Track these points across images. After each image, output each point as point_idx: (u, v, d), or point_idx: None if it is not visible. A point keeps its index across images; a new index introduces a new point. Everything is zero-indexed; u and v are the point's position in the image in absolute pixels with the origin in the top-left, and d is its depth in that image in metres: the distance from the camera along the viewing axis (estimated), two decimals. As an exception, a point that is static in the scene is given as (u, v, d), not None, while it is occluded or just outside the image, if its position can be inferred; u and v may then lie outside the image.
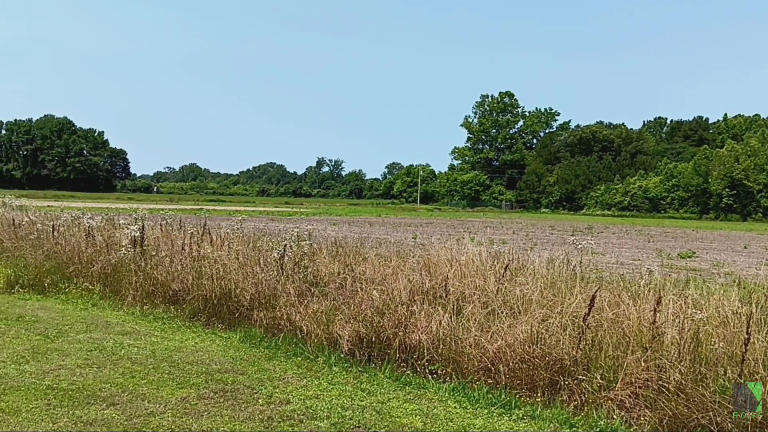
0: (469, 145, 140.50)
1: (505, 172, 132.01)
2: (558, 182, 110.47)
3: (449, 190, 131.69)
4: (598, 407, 5.48)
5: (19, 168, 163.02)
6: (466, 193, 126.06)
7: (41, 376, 6.14)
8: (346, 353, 7.07)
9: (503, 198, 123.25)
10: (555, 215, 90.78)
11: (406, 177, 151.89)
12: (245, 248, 10.37)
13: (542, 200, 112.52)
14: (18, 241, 13.84)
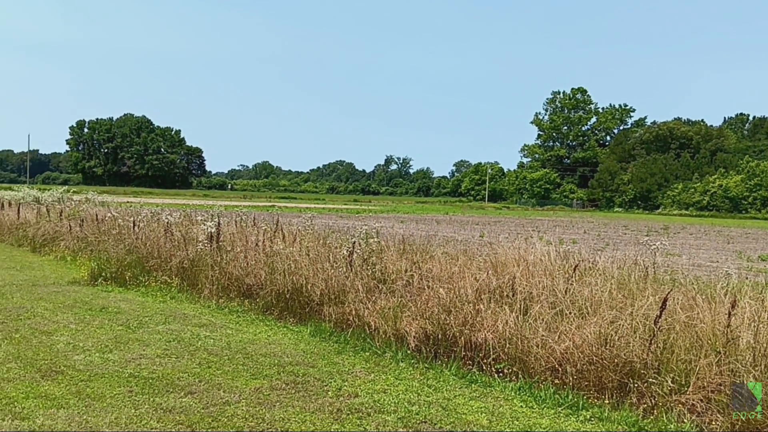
0: (540, 142, 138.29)
1: (576, 169, 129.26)
2: (632, 180, 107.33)
3: (518, 188, 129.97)
4: (669, 411, 5.40)
5: (100, 165, 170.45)
6: (535, 192, 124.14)
7: (124, 365, 6.50)
8: (412, 349, 7.18)
9: (574, 196, 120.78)
10: (629, 215, 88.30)
11: (474, 175, 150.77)
12: (316, 245, 10.62)
13: (615, 199, 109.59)
14: (101, 235, 14.58)
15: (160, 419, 5.00)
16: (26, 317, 8.51)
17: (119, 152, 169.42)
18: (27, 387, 5.66)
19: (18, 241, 18.27)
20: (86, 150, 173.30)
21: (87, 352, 6.87)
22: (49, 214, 19.50)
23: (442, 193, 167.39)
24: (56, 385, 5.74)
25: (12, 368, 6.19)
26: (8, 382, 5.77)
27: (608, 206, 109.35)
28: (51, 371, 6.14)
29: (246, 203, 62.84)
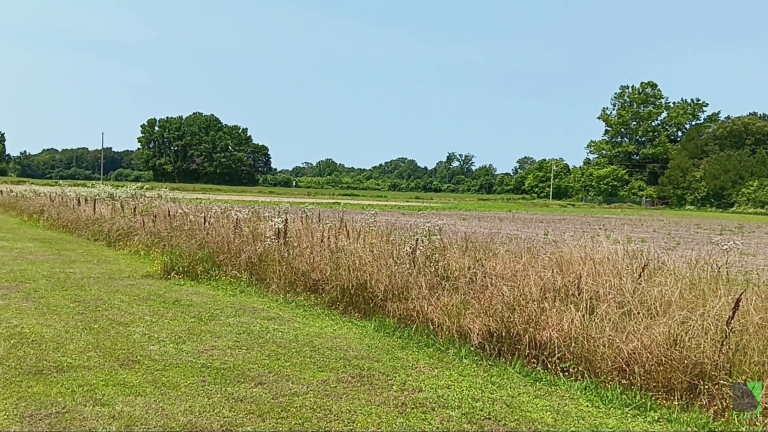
0: (607, 138, 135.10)
1: (645, 166, 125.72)
2: (705, 177, 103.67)
3: (584, 186, 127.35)
4: (740, 414, 5.26)
5: (170, 162, 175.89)
6: (602, 189, 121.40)
7: (196, 355, 6.75)
8: (476, 346, 7.20)
9: (643, 194, 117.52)
10: (701, 213, 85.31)
11: (538, 172, 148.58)
12: (379, 241, 10.74)
13: (687, 197, 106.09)
14: (173, 231, 15.09)
15: (232, 408, 5.20)
16: (104, 309, 8.92)
17: (188, 150, 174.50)
18: (106, 375, 5.95)
19: (94, 236, 19.08)
20: (157, 148, 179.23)
21: (162, 343, 7.17)
22: (124, 210, 20.30)
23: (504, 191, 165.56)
24: (133, 374, 6.01)
25: (92, 357, 6.52)
26: (89, 370, 6.08)
27: (679, 204, 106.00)
28: (128, 360, 6.44)
29: (310, 200, 63.79)
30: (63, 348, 6.77)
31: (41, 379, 5.74)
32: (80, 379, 5.78)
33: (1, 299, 9.27)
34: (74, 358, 6.40)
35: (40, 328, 7.58)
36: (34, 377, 5.78)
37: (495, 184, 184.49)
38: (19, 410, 4.97)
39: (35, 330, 7.49)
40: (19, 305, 8.90)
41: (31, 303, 9.09)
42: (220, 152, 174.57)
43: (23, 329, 7.51)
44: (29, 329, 7.52)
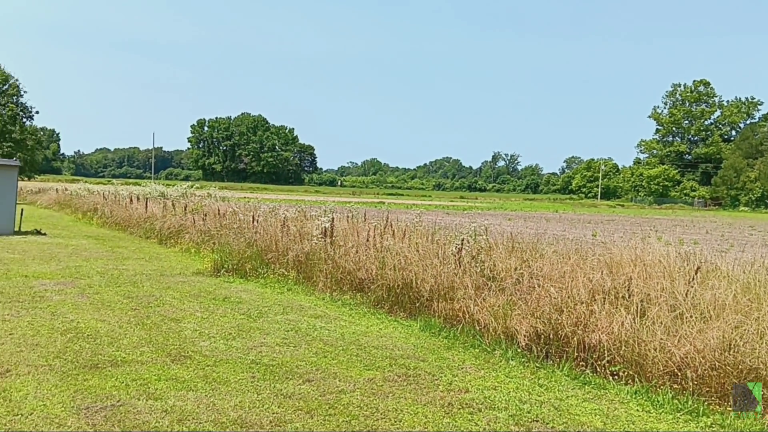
0: (658, 137, 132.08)
1: (698, 166, 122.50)
2: (760, 178, 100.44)
3: (634, 186, 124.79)
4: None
5: (219, 162, 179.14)
6: (652, 189, 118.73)
7: (246, 352, 6.87)
8: (523, 348, 7.14)
9: (695, 195, 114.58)
10: (756, 214, 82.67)
11: (585, 171, 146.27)
12: (424, 241, 10.74)
13: (741, 198, 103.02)
14: (222, 229, 15.35)
15: (281, 404, 5.27)
16: (156, 305, 9.14)
17: (237, 149, 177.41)
18: (159, 370, 6.10)
19: (146, 234, 19.56)
20: (206, 147, 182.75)
21: (212, 339, 7.32)
22: (175, 209, 20.73)
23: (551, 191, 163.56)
24: (185, 369, 6.15)
25: (145, 352, 6.69)
26: (142, 364, 6.24)
27: (733, 205, 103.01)
28: (180, 356, 6.59)
29: (355, 199, 64.09)
30: (117, 343, 6.97)
31: (96, 372, 5.92)
32: (134, 373, 5.94)
33: (58, 294, 9.58)
34: (128, 353, 6.58)
35: (95, 323, 7.81)
36: (89, 371, 5.96)
37: (541, 184, 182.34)
38: (76, 403, 5.13)
39: (90, 325, 7.73)
40: (74, 300, 9.18)
41: (86, 298, 9.37)
42: (268, 152, 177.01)
43: (79, 324, 7.75)
44: (85, 324, 7.76)
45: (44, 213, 30.86)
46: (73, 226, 23.28)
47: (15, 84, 57.69)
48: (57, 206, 34.50)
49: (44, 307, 8.65)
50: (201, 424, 4.77)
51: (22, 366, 5.97)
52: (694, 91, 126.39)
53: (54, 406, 5.03)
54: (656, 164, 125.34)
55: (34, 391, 5.32)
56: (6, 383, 5.48)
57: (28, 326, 7.50)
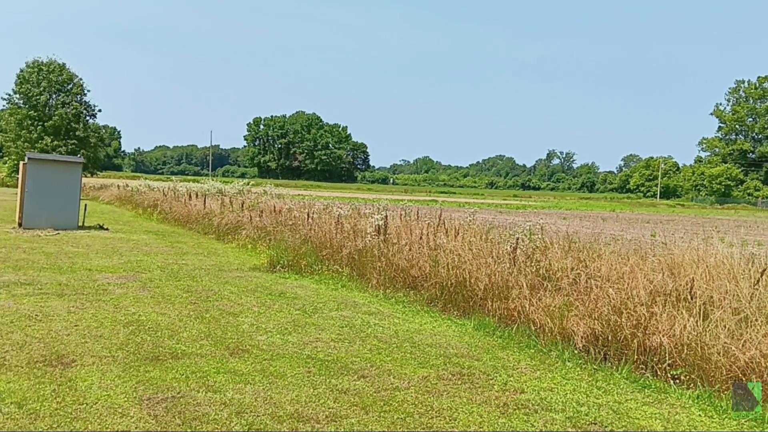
0: (720, 135, 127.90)
1: (762, 165, 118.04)
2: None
3: (694, 185, 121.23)
4: None
5: (274, 159, 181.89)
6: (714, 189, 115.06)
7: (302, 347, 6.95)
8: (580, 349, 7.02)
9: (759, 194, 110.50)
10: (825, 215, 79.23)
11: (644, 170, 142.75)
12: (478, 240, 10.67)
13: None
14: (278, 225, 15.58)
15: (336, 400, 5.32)
16: (214, 299, 9.34)
17: (291, 147, 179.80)
18: (218, 363, 6.23)
19: (204, 230, 19.99)
20: (261, 145, 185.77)
21: (269, 333, 7.43)
22: (232, 205, 21.14)
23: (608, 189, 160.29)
24: (243, 363, 6.26)
25: (204, 345, 6.83)
26: (201, 357, 6.38)
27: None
28: (238, 349, 6.71)
29: (407, 197, 64.08)
30: (177, 336, 7.14)
31: (157, 364, 6.08)
32: (193, 365, 6.08)
33: (120, 288, 9.88)
34: (188, 346, 6.74)
35: (156, 316, 8.03)
36: (151, 363, 6.12)
37: (597, 183, 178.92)
38: (138, 393, 5.28)
39: (151, 318, 7.94)
40: (136, 294, 9.46)
41: (147, 292, 9.64)
42: (321, 150, 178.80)
43: (140, 317, 7.98)
44: (146, 317, 7.98)
45: (106, 208, 31.87)
46: (134, 222, 23.98)
47: (79, 83, 59.66)
48: (118, 202, 35.56)
49: (107, 299, 8.93)
50: (259, 417, 4.85)
51: (87, 357, 6.18)
52: (759, 88, 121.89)
53: (117, 396, 5.18)
54: (718, 163, 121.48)
55: (99, 382, 5.49)
56: (72, 373, 5.67)
57: (92, 318, 7.76)
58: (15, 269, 11.04)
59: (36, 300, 8.62)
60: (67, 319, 7.65)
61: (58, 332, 6.99)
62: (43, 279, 10.23)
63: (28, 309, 8.04)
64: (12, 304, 8.29)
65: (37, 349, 6.30)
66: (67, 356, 6.15)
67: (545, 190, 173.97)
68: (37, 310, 7.98)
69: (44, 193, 18.44)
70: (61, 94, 58.48)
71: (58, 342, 6.61)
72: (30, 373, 5.58)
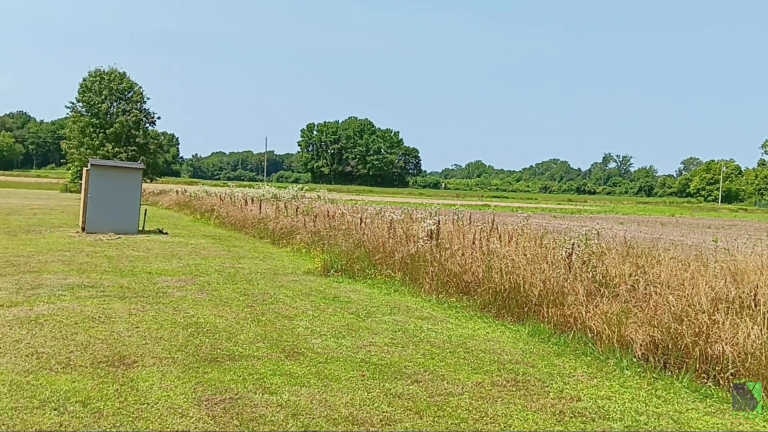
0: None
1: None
2: None
3: (758, 189, 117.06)
4: None
5: (327, 165, 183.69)
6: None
7: (355, 350, 7.00)
8: (638, 357, 6.87)
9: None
10: None
11: (705, 173, 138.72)
12: (532, 245, 10.54)
13: None
14: (331, 230, 15.72)
15: (390, 404, 5.33)
16: (270, 302, 9.49)
17: (344, 153, 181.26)
18: (274, 365, 6.32)
19: (259, 234, 20.33)
20: (315, 151, 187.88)
21: (323, 337, 7.51)
22: (287, 210, 21.43)
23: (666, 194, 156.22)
24: (298, 365, 6.34)
25: (260, 347, 6.95)
26: (258, 359, 6.49)
27: None
28: (293, 352, 6.80)
29: (459, 202, 63.80)
30: (234, 338, 7.28)
31: (216, 366, 6.21)
32: (250, 367, 6.19)
33: (179, 291, 10.13)
34: (244, 348, 6.87)
35: (214, 319, 8.21)
36: (209, 364, 6.26)
37: (656, 187, 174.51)
38: (197, 394, 5.40)
39: (209, 320, 8.12)
40: (194, 297, 9.69)
41: (206, 295, 9.86)
42: (373, 155, 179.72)
43: (199, 319, 8.16)
44: (204, 319, 8.16)
45: (165, 213, 32.73)
46: (192, 226, 24.56)
47: (139, 91, 61.43)
48: (177, 207, 36.47)
49: (167, 302, 9.17)
50: (314, 420, 4.91)
51: (148, 358, 6.35)
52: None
53: (177, 396, 5.31)
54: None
55: (159, 382, 5.64)
56: (133, 374, 5.84)
57: (152, 320, 7.98)
58: (79, 272, 11.45)
59: (99, 302, 8.92)
60: (128, 320, 7.89)
61: (120, 333, 7.22)
62: (105, 282, 10.58)
63: (92, 311, 8.32)
64: (76, 306, 8.60)
65: (100, 350, 6.52)
66: (128, 357, 6.34)
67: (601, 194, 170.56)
68: (99, 312, 8.26)
69: (106, 198, 19.07)
70: (121, 102, 60.30)
71: (120, 343, 6.82)
72: (94, 373, 5.77)
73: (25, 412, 4.77)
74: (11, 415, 4.70)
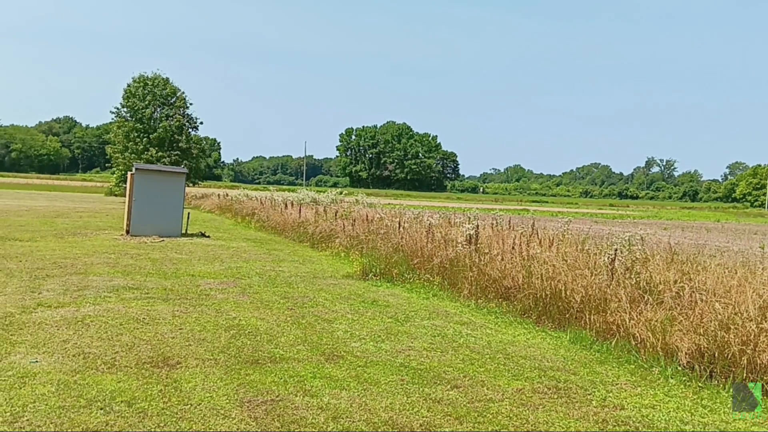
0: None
1: None
2: None
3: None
4: None
5: (365, 169, 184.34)
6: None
7: (394, 355, 7.00)
8: (683, 366, 6.72)
9: None
10: None
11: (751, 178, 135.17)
12: (573, 250, 10.41)
13: None
14: (370, 234, 15.77)
15: (430, 409, 5.32)
16: (310, 305, 9.56)
17: (382, 157, 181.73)
18: (314, 368, 6.37)
19: (299, 238, 20.50)
20: (353, 155, 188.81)
21: (362, 340, 7.54)
22: (326, 214, 21.58)
23: (711, 199, 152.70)
24: (338, 368, 6.38)
25: (301, 350, 7.00)
26: (298, 362, 6.55)
27: None
28: (333, 355, 6.84)
29: (498, 206, 63.33)
30: (275, 340, 7.36)
31: (257, 368, 6.28)
32: (291, 370, 6.24)
33: (221, 293, 10.28)
34: (285, 351, 6.93)
35: (255, 321, 8.30)
36: (251, 366, 6.33)
37: (700, 192, 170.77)
38: (239, 396, 5.47)
39: (251, 323, 8.22)
40: (236, 299, 9.81)
41: (247, 297, 9.98)
42: (411, 159, 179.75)
43: (240, 321, 8.27)
44: (245, 322, 8.26)
45: (207, 217, 33.22)
46: (233, 230, 24.89)
47: (182, 97, 62.49)
48: (218, 210, 37.00)
49: (209, 304, 9.31)
50: (354, 423, 4.93)
51: (191, 359, 6.46)
52: None
53: (219, 398, 5.39)
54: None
55: (202, 383, 5.73)
56: (177, 374, 5.95)
57: (195, 322, 8.11)
58: (124, 274, 11.70)
59: (143, 304, 9.10)
60: (172, 322, 8.03)
61: (163, 335, 7.35)
62: (149, 284, 10.79)
63: (136, 312, 8.50)
64: (121, 307, 8.79)
65: (144, 351, 6.65)
66: (172, 358, 6.45)
67: (644, 199, 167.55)
68: (144, 314, 8.43)
69: (150, 202, 19.45)
70: (165, 107, 61.42)
71: (163, 344, 6.95)
72: (138, 374, 5.89)
73: (72, 411, 4.90)
74: (59, 413, 4.82)
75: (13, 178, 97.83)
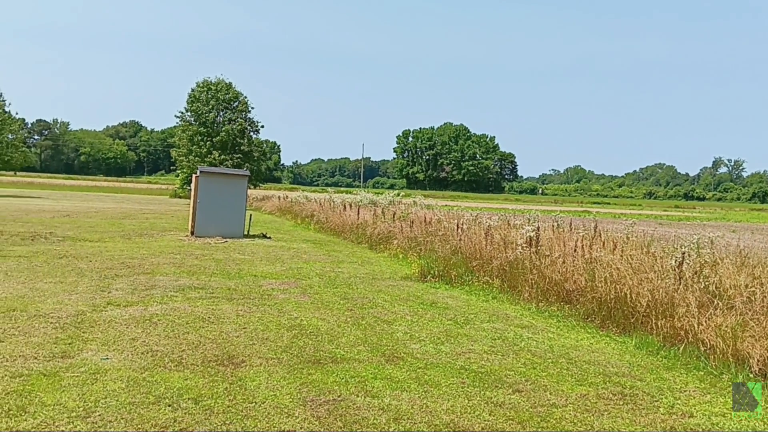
0: None
1: None
2: None
3: None
4: None
5: (422, 171, 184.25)
6: None
7: (454, 357, 6.98)
8: (756, 373, 6.48)
9: None
10: None
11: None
12: (638, 253, 10.15)
13: None
14: (428, 236, 15.75)
15: (492, 413, 5.28)
16: (369, 306, 9.62)
17: (439, 159, 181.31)
18: (374, 369, 6.40)
19: (357, 239, 20.65)
20: (410, 157, 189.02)
21: (422, 342, 7.54)
22: (384, 216, 21.66)
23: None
24: (398, 370, 6.40)
25: (361, 351, 7.06)
26: (359, 363, 6.60)
27: None
28: (393, 357, 6.87)
29: (558, 208, 62.26)
30: (336, 341, 7.44)
31: (319, 368, 6.36)
32: (352, 370, 6.30)
33: (283, 293, 10.45)
34: (346, 351, 7.00)
35: (316, 321, 8.41)
36: (312, 366, 6.41)
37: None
38: (302, 395, 5.55)
39: (312, 323, 8.33)
40: (297, 299, 9.96)
41: (308, 298, 10.12)
42: (468, 160, 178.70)
43: (302, 321, 8.39)
44: (307, 322, 8.38)
45: (268, 218, 33.80)
46: (293, 231, 25.26)
47: (244, 101, 63.82)
48: (279, 212, 37.60)
49: (272, 304, 9.48)
50: (415, 425, 4.93)
51: (255, 358, 6.58)
52: None
53: (283, 396, 5.48)
54: None
55: (266, 382, 5.83)
56: (241, 373, 6.07)
57: (258, 321, 8.26)
58: (189, 274, 12.02)
59: (208, 303, 9.33)
60: (236, 321, 8.21)
61: (228, 334, 7.52)
62: (213, 284, 11.06)
63: (202, 311, 8.72)
64: (187, 306, 9.03)
65: (210, 349, 6.82)
66: (237, 357, 6.59)
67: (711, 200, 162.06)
68: (209, 313, 8.64)
69: (214, 203, 19.92)
70: (227, 111, 62.85)
71: (228, 343, 7.11)
72: (204, 372, 6.04)
73: (141, 407, 5.06)
74: (129, 409, 4.99)
75: (82, 181, 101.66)
